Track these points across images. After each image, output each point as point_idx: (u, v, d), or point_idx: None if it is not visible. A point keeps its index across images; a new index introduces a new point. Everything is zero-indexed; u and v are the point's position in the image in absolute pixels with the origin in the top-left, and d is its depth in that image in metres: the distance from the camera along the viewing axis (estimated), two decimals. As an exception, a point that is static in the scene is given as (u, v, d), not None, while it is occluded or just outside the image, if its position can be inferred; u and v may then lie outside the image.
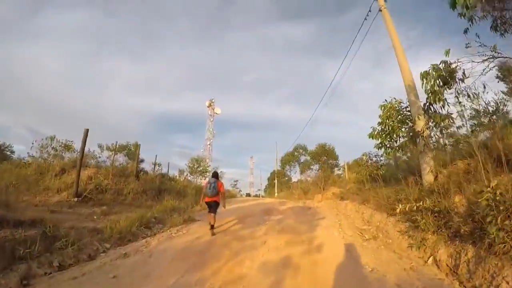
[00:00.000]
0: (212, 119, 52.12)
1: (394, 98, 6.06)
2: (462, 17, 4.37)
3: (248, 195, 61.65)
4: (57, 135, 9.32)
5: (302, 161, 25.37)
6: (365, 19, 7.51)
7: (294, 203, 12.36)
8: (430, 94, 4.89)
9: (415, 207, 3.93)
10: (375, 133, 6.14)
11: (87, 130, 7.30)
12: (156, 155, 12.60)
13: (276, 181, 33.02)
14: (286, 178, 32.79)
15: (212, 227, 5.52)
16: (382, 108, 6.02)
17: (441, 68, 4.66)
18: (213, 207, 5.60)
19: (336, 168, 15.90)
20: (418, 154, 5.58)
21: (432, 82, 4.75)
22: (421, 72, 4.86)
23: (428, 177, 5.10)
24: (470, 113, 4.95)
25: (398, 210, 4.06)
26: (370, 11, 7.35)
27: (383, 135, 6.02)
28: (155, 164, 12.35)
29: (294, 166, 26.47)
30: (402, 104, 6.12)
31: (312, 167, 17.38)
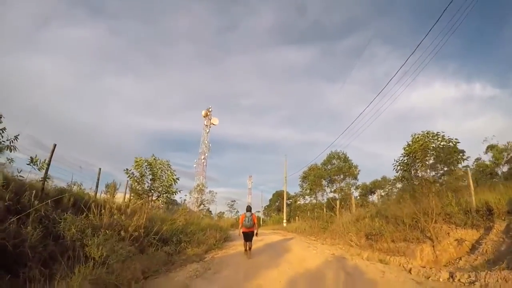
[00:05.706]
0: (208, 130, 46.07)
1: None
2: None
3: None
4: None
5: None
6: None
7: None
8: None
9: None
10: None
11: None
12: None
13: (285, 204, 26.23)
14: (298, 201, 26.25)
15: (249, 249, 6.94)
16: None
17: None
18: (249, 236, 6.86)
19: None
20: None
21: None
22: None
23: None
24: None
25: None
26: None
27: None
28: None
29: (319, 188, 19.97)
30: None
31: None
